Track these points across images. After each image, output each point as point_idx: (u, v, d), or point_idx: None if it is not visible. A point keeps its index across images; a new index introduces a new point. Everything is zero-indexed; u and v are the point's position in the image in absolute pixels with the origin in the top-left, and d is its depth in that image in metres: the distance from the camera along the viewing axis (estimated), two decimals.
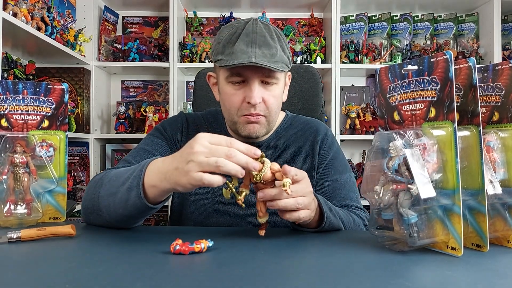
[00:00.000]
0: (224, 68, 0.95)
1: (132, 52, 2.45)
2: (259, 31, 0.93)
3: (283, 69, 0.94)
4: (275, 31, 0.97)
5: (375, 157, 0.67)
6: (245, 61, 0.89)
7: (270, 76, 0.95)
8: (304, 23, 2.72)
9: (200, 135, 0.71)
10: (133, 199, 0.77)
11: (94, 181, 0.91)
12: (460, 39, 2.63)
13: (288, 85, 1.09)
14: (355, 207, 1.02)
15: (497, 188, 0.67)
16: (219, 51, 0.95)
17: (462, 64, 0.65)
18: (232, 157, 0.67)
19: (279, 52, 0.93)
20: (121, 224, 0.84)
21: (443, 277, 0.53)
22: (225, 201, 1.03)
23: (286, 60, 0.95)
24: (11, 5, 1.62)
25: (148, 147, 1.05)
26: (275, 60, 0.92)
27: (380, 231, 0.66)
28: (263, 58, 0.90)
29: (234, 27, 0.95)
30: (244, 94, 0.95)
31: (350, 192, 1.04)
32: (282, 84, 1.01)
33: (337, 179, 1.05)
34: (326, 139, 1.10)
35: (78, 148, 2.41)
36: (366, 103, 2.51)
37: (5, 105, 0.91)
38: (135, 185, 0.76)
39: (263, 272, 0.56)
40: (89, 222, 0.90)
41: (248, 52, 0.90)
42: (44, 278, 0.53)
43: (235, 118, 0.99)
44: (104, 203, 0.83)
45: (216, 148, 0.68)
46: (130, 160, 1.00)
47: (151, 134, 1.10)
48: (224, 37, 0.95)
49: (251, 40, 0.91)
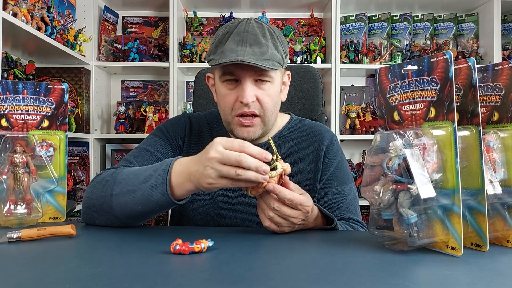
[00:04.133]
0: (217, 68, 0.96)
1: (132, 52, 2.45)
2: (250, 30, 0.92)
3: (273, 67, 0.92)
4: (268, 30, 0.95)
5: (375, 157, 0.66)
6: (232, 59, 0.88)
7: (263, 74, 0.94)
8: (304, 23, 2.72)
9: (216, 140, 0.74)
10: (157, 196, 0.79)
11: (100, 179, 0.90)
12: (460, 39, 2.63)
13: (288, 85, 1.07)
14: (354, 221, 1.01)
15: (497, 188, 0.67)
16: (212, 51, 0.96)
17: (462, 64, 0.65)
18: (242, 162, 0.70)
19: (270, 50, 0.92)
20: (132, 221, 0.85)
21: (443, 277, 0.53)
22: (226, 204, 1.03)
23: (278, 58, 0.93)
24: (11, 5, 1.62)
25: (150, 147, 1.04)
26: (265, 58, 0.90)
27: (380, 231, 0.66)
28: (252, 56, 0.89)
29: (227, 27, 0.96)
30: (238, 93, 0.95)
31: (350, 205, 1.04)
32: (277, 83, 0.99)
33: (339, 191, 1.04)
34: (331, 147, 1.08)
35: (78, 148, 2.41)
36: (366, 103, 2.51)
37: (5, 105, 0.91)
38: (160, 183, 0.78)
39: (263, 272, 0.56)
40: (89, 221, 0.89)
41: (237, 50, 0.90)
42: (44, 278, 0.53)
43: (229, 119, 0.98)
44: (119, 200, 0.83)
45: (228, 154, 0.70)
46: (132, 161, 1.00)
47: (153, 134, 1.09)
48: (217, 37, 0.96)
49: (241, 38, 0.91)
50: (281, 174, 0.76)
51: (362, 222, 1.03)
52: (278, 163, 0.76)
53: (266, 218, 0.78)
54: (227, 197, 1.04)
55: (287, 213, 0.77)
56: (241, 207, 1.03)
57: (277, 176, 0.75)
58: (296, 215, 0.77)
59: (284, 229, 0.80)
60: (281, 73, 1.01)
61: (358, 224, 1.01)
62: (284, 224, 0.78)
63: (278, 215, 0.77)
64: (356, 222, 1.01)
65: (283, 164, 0.77)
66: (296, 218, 0.78)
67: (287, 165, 0.78)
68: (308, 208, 0.78)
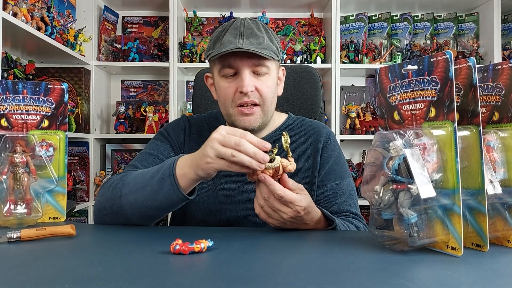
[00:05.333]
0: (216, 62, 0.99)
1: (132, 52, 2.45)
2: (246, 25, 0.98)
3: (271, 56, 0.96)
4: (262, 25, 1.01)
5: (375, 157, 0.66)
6: (231, 48, 0.92)
7: (260, 64, 0.98)
8: (304, 23, 2.72)
9: (221, 126, 0.79)
10: (166, 188, 0.82)
11: (109, 184, 0.93)
12: (460, 39, 2.63)
13: (283, 81, 1.11)
14: (353, 214, 1.02)
15: (497, 188, 0.67)
16: (210, 47, 1.00)
17: (462, 64, 0.65)
18: (241, 146, 0.73)
19: (266, 41, 0.97)
20: (143, 220, 0.88)
21: (443, 277, 0.53)
22: (227, 199, 1.04)
23: (274, 49, 0.98)
24: (11, 5, 1.62)
25: (153, 151, 1.07)
26: (262, 47, 0.95)
27: (380, 231, 0.66)
28: (250, 45, 0.94)
29: (224, 25, 1.01)
30: (237, 84, 0.98)
31: (349, 199, 1.05)
32: (274, 75, 1.03)
33: (338, 184, 1.05)
34: (328, 141, 1.10)
35: (78, 148, 2.41)
36: (366, 103, 2.51)
37: (5, 105, 0.91)
38: (167, 175, 0.82)
39: (263, 272, 0.56)
40: (102, 223, 0.93)
41: (235, 42, 0.94)
42: (44, 278, 0.53)
43: (230, 110, 1.01)
44: (128, 199, 0.86)
45: (229, 137, 0.75)
46: (137, 165, 1.03)
47: (155, 138, 1.13)
48: (215, 35, 1.00)
49: (238, 32, 0.96)
50: (277, 168, 0.76)
51: (361, 216, 1.04)
52: (278, 157, 0.77)
53: (257, 205, 0.81)
54: (227, 192, 1.05)
55: (276, 207, 0.78)
56: (241, 201, 1.04)
57: (272, 169, 0.76)
58: (285, 211, 0.78)
59: (274, 222, 0.80)
60: (277, 67, 1.05)
61: (357, 218, 1.02)
62: (274, 216, 0.79)
63: (268, 206, 0.78)
64: (355, 215, 1.02)
65: (285, 160, 0.77)
66: (285, 214, 0.78)
67: (288, 163, 0.78)
68: (299, 208, 0.78)
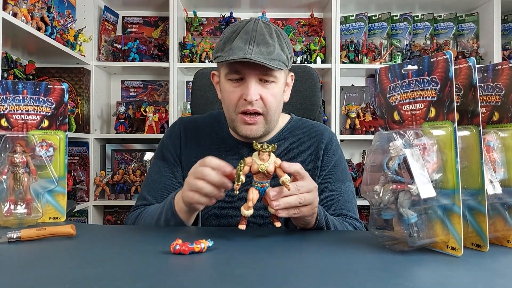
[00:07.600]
0: (224, 65, 0.97)
1: (132, 52, 2.45)
2: (258, 29, 0.94)
3: (279, 67, 0.93)
4: (275, 30, 0.97)
5: (375, 157, 0.67)
6: (239, 57, 0.90)
7: (268, 74, 0.95)
8: (304, 23, 2.72)
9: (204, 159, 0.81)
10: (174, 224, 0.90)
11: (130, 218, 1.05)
12: (460, 39, 2.63)
13: (291, 86, 1.09)
14: (350, 218, 1.02)
15: (497, 188, 0.67)
16: (219, 48, 0.97)
17: (462, 64, 0.65)
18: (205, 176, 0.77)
19: (276, 51, 0.93)
20: None
21: (443, 277, 0.53)
22: (227, 203, 1.03)
23: (284, 59, 0.95)
24: (11, 5, 1.62)
25: (157, 176, 1.10)
26: (272, 57, 0.92)
27: (380, 231, 0.66)
28: (260, 55, 0.91)
29: (236, 25, 0.97)
30: (242, 91, 0.96)
31: (347, 202, 1.04)
32: (281, 83, 1.00)
33: (336, 188, 1.05)
34: (330, 144, 1.09)
35: (78, 148, 2.41)
36: (366, 103, 2.51)
37: (5, 105, 0.91)
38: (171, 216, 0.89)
39: (263, 272, 0.56)
40: None
41: (245, 49, 0.91)
42: (44, 278, 0.53)
43: (233, 116, 1.00)
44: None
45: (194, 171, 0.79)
46: (146, 196, 1.08)
47: (156, 158, 1.14)
48: (225, 35, 0.97)
49: (249, 37, 0.93)
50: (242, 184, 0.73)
51: (359, 219, 1.03)
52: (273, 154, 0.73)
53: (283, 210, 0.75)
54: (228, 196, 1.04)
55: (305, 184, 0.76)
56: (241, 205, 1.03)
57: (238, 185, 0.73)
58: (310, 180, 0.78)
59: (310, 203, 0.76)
60: (285, 74, 1.03)
61: (354, 219, 1.01)
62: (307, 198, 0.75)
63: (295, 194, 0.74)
64: (352, 218, 1.02)
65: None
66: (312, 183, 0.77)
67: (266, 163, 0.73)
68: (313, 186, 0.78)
